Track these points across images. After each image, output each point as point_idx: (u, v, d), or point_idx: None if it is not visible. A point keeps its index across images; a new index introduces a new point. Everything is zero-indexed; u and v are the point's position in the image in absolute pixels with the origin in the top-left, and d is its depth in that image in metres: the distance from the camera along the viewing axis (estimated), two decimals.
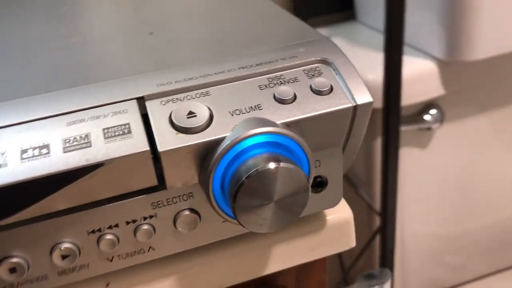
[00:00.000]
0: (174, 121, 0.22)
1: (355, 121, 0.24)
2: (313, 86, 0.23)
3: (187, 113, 0.22)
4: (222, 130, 0.22)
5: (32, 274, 0.23)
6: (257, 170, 0.20)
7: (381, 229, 0.71)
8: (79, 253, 0.23)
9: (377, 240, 0.73)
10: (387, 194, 0.67)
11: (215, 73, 0.24)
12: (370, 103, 0.23)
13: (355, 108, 0.23)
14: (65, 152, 0.21)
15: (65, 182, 0.21)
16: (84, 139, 0.21)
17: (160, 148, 0.21)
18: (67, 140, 0.21)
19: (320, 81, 0.23)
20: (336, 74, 0.24)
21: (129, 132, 0.22)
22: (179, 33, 0.31)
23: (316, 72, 0.24)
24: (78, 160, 0.21)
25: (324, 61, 0.25)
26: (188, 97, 0.23)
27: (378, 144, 0.69)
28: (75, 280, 0.24)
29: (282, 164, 0.20)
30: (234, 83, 0.24)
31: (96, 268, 0.24)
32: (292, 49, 0.26)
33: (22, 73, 0.27)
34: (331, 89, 0.23)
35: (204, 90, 0.23)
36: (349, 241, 0.29)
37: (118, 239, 0.23)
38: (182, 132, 0.22)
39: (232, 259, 0.27)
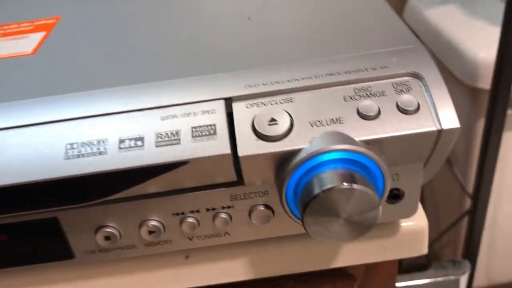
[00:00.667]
0: (256, 127, 0.23)
1: (438, 143, 0.23)
2: (399, 104, 0.23)
3: (269, 119, 0.23)
4: (301, 141, 0.22)
5: (123, 243, 0.26)
6: (330, 188, 0.21)
7: (470, 212, 0.68)
8: (164, 230, 0.26)
9: (465, 222, 0.71)
10: (482, 178, 0.64)
11: (302, 78, 0.25)
12: (456, 129, 0.22)
13: (440, 132, 0.23)
14: (157, 146, 0.23)
15: (155, 174, 0.23)
16: (174, 135, 0.23)
17: (241, 153, 0.22)
18: (159, 135, 0.23)
19: (408, 99, 0.23)
20: (426, 91, 0.24)
21: (215, 133, 0.23)
22: (274, 22, 0.31)
23: (405, 87, 0.24)
24: (167, 156, 0.23)
25: (416, 75, 0.24)
26: (272, 102, 0.24)
27: (480, 125, 0.65)
28: (158, 252, 0.27)
29: (355, 186, 0.21)
30: (319, 90, 0.24)
31: (178, 244, 0.27)
32: (384, 58, 0.25)
33: (120, 60, 0.29)
34: (418, 108, 0.23)
35: (288, 96, 0.24)
36: (421, 249, 0.29)
37: (198, 222, 0.26)
38: (263, 139, 0.23)
39: (305, 249, 0.29)
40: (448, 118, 0.23)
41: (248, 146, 0.23)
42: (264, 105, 0.24)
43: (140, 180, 0.23)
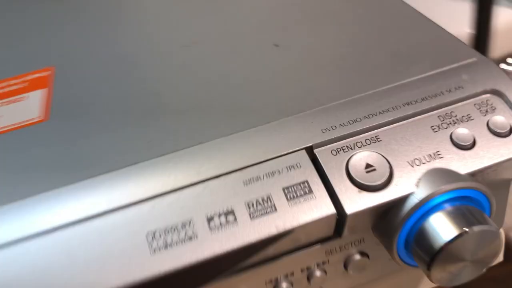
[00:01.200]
0: (354, 177, 0.21)
1: None
2: (490, 126, 0.22)
3: (365, 166, 0.21)
4: (407, 186, 0.21)
5: None
6: (455, 237, 0.20)
7: None
8: None
9: None
10: None
11: (380, 113, 0.23)
12: None
13: None
14: (252, 219, 0.21)
15: (255, 251, 0.21)
16: (267, 201, 0.21)
17: (348, 210, 0.21)
18: (250, 205, 0.21)
19: (498, 121, 0.22)
20: (510, 108, 0.23)
21: (310, 191, 0.21)
22: (309, 49, 0.29)
23: (489, 107, 0.23)
24: (268, 228, 0.20)
25: (495, 92, 0.23)
26: (359, 145, 0.22)
27: None
28: None
29: (479, 227, 0.20)
30: (403, 124, 0.23)
31: None
32: (453, 77, 0.24)
33: (163, 115, 0.26)
34: (511, 129, 0.22)
35: (373, 135, 0.22)
36: (497, 258, 0.29)
37: (292, 285, 0.23)
38: (365, 190, 0.21)
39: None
40: None
41: (353, 201, 0.21)
42: (351, 149, 0.22)
43: (238, 259, 0.21)
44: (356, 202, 0.21)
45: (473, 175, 0.21)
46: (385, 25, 0.29)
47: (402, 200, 0.21)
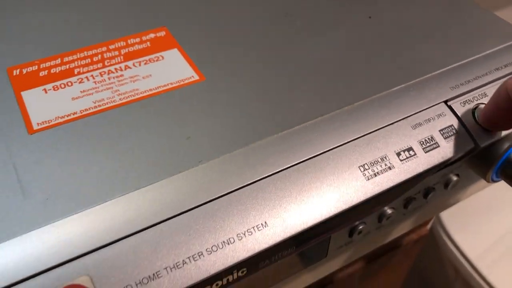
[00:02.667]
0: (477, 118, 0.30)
1: None
2: None
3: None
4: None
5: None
6: None
7: None
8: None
9: None
10: None
11: (486, 74, 0.32)
12: None
13: None
14: (425, 152, 0.28)
15: (428, 175, 0.29)
16: (431, 140, 0.29)
17: (481, 144, 0.30)
18: (421, 142, 0.29)
19: None
20: None
21: (457, 132, 0.29)
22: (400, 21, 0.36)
23: None
24: (436, 158, 0.29)
25: None
26: (480, 97, 0.31)
27: None
28: None
29: None
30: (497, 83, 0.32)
31: None
32: None
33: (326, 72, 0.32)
34: None
35: (482, 91, 0.31)
36: None
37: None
38: (487, 130, 0.30)
39: None
40: None
41: (481, 137, 0.30)
42: (476, 100, 0.31)
43: (418, 181, 0.29)
44: (483, 138, 0.30)
45: None
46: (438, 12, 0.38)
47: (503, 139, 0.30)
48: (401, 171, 0.28)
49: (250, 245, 0.24)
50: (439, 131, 0.29)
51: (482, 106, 0.31)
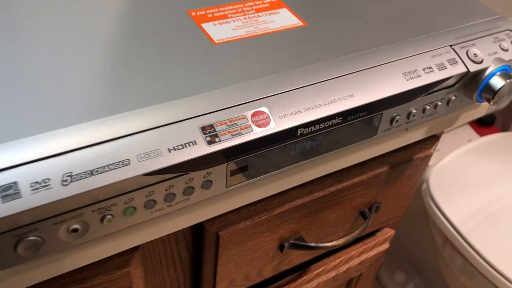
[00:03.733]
0: (475, 60, 0.51)
1: None
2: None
3: (473, 54, 0.51)
4: (487, 63, 0.52)
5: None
6: (504, 84, 0.51)
7: None
8: None
9: None
10: None
11: (462, 36, 0.53)
12: None
13: None
14: (439, 70, 0.49)
15: (425, 90, 0.49)
16: (442, 65, 0.50)
17: (471, 70, 0.50)
18: (437, 65, 0.49)
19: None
20: None
21: (457, 62, 0.50)
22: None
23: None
24: (444, 74, 0.49)
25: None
26: (471, 44, 0.52)
27: None
28: None
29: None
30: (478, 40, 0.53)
31: None
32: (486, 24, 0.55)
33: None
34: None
35: (471, 44, 0.53)
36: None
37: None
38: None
39: None
40: None
41: (472, 66, 0.51)
42: (469, 46, 0.52)
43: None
44: (472, 67, 0.51)
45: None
46: None
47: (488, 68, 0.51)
48: (425, 78, 0.48)
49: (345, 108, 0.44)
50: (447, 60, 0.50)
51: (473, 49, 0.51)
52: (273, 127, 0.41)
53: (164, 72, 0.42)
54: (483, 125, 1.57)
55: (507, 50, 0.53)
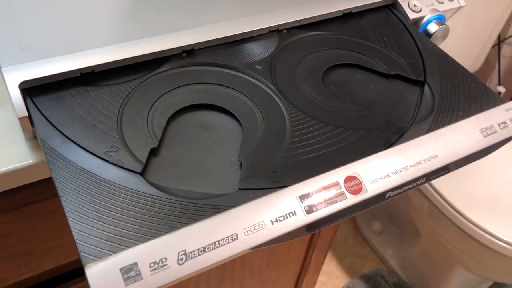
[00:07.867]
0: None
1: None
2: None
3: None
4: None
5: None
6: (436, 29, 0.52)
7: None
8: None
9: None
10: None
11: None
12: None
13: None
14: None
15: None
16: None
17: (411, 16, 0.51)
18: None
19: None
20: None
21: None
22: None
23: None
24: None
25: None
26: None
27: None
28: None
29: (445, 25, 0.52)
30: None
31: None
32: None
33: None
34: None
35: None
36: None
37: None
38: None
39: None
40: None
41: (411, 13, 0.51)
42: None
43: None
44: (411, 14, 0.51)
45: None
46: None
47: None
48: None
49: None
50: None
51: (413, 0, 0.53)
52: (365, 193, 0.41)
53: None
54: None
55: (442, 3, 0.58)
